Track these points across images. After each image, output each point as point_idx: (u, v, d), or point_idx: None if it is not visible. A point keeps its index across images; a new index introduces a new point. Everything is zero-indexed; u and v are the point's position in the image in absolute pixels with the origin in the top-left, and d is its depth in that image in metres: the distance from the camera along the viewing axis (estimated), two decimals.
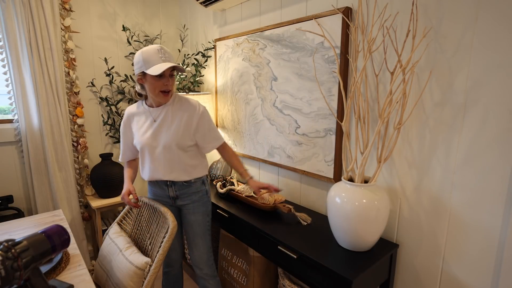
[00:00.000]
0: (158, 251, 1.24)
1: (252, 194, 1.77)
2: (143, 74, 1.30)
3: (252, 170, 2.06)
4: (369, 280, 1.16)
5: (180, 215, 1.56)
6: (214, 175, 2.13)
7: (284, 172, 1.82)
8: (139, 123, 1.43)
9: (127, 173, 1.51)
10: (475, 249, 1.09)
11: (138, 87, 1.40)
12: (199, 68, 2.37)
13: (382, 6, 1.23)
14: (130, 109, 1.47)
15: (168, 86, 1.31)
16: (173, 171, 1.42)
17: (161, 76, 1.28)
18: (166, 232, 1.26)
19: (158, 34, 2.54)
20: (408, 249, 1.28)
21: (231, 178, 2.00)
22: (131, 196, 1.39)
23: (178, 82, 2.33)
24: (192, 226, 1.50)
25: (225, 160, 1.55)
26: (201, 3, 2.01)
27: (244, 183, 1.49)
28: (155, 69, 1.24)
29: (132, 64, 2.40)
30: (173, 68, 1.33)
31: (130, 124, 1.46)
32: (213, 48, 2.25)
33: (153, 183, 1.50)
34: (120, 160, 1.54)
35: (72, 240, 1.27)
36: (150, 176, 1.44)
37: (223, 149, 1.52)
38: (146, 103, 1.43)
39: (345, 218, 1.16)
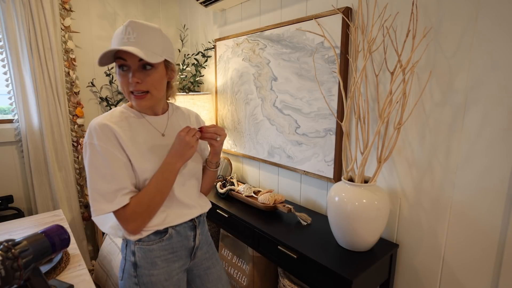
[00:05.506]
0: None
1: (252, 194, 1.77)
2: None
3: (252, 170, 2.06)
4: (369, 280, 1.16)
5: (194, 281, 1.07)
6: None
7: (284, 172, 1.82)
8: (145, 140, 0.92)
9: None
10: (475, 249, 1.09)
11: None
12: (199, 68, 2.37)
13: (382, 6, 1.23)
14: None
15: None
16: (203, 197, 1.07)
17: None
18: None
19: None
20: (408, 249, 1.28)
21: (231, 178, 2.00)
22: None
23: (177, 82, 2.33)
24: (221, 280, 1.10)
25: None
26: (201, 3, 2.01)
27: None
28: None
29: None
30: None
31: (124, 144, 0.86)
32: (213, 48, 2.25)
33: (169, 237, 0.93)
34: (117, 206, 0.82)
35: (72, 240, 1.27)
36: (178, 214, 0.94)
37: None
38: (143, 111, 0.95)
39: (345, 218, 1.16)
